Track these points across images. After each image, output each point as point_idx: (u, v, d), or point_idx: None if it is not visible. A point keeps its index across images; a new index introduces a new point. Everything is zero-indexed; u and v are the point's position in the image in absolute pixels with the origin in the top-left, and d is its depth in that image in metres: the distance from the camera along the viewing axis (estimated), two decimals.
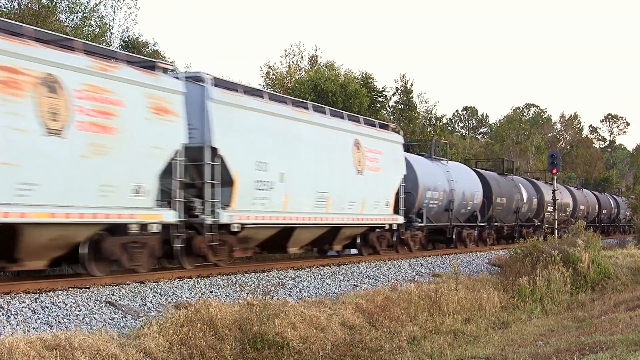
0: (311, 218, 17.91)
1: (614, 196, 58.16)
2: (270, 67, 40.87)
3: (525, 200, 34.65)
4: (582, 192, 47.75)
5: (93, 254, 12.80)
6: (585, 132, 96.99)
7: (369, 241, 21.53)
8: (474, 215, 29.16)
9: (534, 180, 38.59)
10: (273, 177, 16.44)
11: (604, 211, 51.65)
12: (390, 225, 21.82)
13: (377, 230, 21.67)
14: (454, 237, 27.31)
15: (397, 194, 22.17)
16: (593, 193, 52.23)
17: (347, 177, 19.44)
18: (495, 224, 31.14)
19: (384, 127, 22.70)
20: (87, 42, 13.89)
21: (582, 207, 45.20)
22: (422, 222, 24.43)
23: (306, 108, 18.67)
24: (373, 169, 20.76)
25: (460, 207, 27.55)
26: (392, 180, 21.79)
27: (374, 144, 21.01)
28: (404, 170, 22.47)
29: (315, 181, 18.11)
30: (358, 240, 21.41)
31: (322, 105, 20.31)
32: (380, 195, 21.11)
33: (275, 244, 17.87)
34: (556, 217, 33.08)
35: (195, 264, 15.15)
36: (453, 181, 26.97)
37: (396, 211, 22.08)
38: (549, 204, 36.01)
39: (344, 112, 21.03)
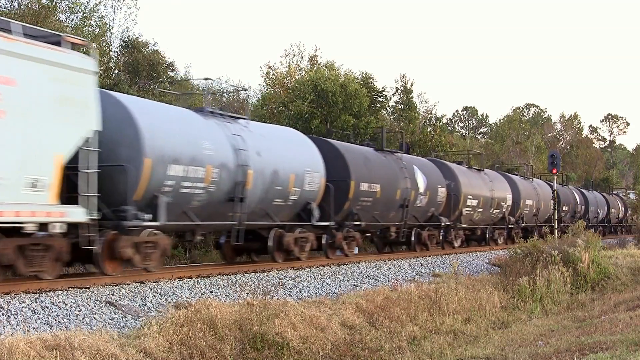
0: None
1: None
2: (270, 67, 40.83)
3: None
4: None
5: None
6: (585, 132, 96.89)
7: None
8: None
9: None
10: None
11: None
12: (47, 225, 11.81)
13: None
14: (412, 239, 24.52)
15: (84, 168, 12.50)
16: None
17: None
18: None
19: (42, 37, 12.45)
20: None
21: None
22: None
23: None
24: None
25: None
26: (52, 138, 11.81)
27: None
28: (93, 124, 12.53)
29: None
30: None
31: None
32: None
33: None
34: (556, 217, 33.04)
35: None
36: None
37: (73, 199, 12.46)
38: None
39: None
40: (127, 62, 29.47)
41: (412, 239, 24.64)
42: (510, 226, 32.67)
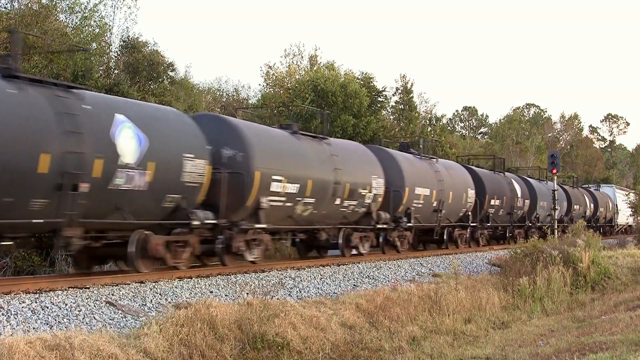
0: None
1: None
2: (270, 67, 40.87)
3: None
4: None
5: None
6: (585, 132, 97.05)
7: None
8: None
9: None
10: None
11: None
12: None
13: None
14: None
15: None
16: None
17: None
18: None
19: None
20: None
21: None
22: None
23: None
24: None
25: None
26: None
27: None
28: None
29: None
30: None
31: None
32: None
33: None
34: (556, 217, 33.06)
35: None
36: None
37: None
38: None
39: None
40: (127, 62, 29.48)
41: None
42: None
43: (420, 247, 26.96)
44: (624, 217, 54.89)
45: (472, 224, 28.03)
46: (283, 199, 16.88)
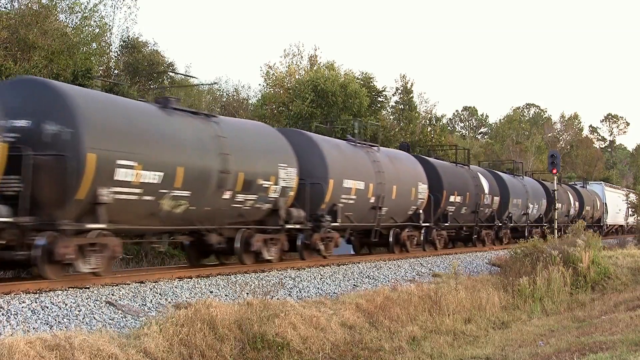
0: None
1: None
2: (270, 67, 40.86)
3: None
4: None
5: None
6: (585, 132, 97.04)
7: None
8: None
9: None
10: None
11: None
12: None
13: None
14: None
15: None
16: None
17: None
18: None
19: None
20: None
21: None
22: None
23: None
24: None
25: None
26: None
27: None
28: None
29: None
30: None
31: None
32: None
33: None
34: (556, 217, 32.96)
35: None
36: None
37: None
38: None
39: None
40: (127, 62, 29.49)
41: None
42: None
43: (365, 250, 23.64)
44: (615, 216, 52.05)
45: (424, 224, 24.04)
46: (138, 190, 13.09)
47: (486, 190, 29.16)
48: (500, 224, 30.77)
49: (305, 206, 18.08)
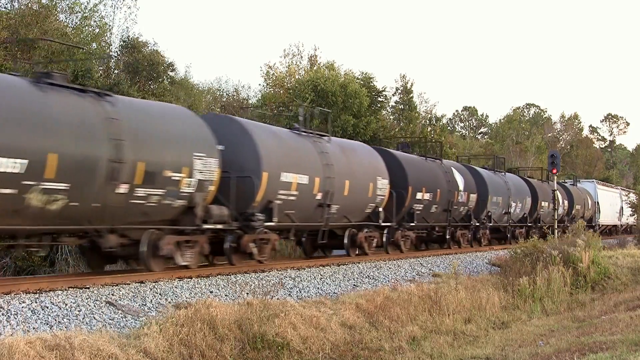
0: None
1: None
2: (270, 67, 40.88)
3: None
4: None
5: None
6: (585, 132, 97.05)
7: None
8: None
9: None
10: None
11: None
12: None
13: None
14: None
15: None
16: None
17: None
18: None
19: None
20: None
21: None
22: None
23: None
24: None
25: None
26: None
27: None
28: None
29: None
30: None
31: None
32: None
33: None
34: (556, 217, 32.78)
35: None
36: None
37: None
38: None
39: None
40: (127, 62, 29.48)
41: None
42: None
43: (318, 253, 21.48)
44: (609, 216, 50.23)
45: (384, 224, 21.53)
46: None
47: (461, 187, 26.68)
48: (477, 224, 28.28)
49: (232, 203, 15.78)
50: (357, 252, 20.82)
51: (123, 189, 12.95)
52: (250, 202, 16.20)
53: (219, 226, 15.40)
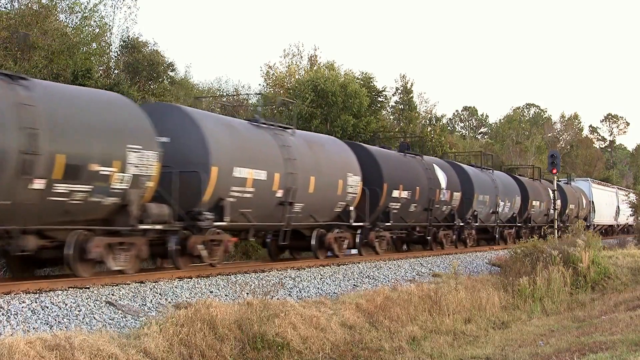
0: None
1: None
2: (270, 67, 40.88)
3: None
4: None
5: None
6: (585, 132, 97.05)
7: None
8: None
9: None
10: None
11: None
12: None
13: None
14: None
15: None
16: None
17: None
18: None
19: None
20: None
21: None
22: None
23: None
24: None
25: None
26: None
27: None
28: None
29: None
30: None
31: None
32: None
33: None
34: (556, 217, 32.77)
35: None
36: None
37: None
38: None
39: None
40: (127, 62, 29.48)
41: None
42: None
43: (287, 256, 20.35)
44: (605, 216, 49.05)
45: (356, 224, 20.14)
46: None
47: (443, 185, 25.20)
48: (462, 224, 26.76)
49: (175, 201, 14.31)
50: (326, 255, 19.51)
51: (38, 184, 11.42)
52: (197, 199, 14.66)
53: (158, 226, 13.80)
